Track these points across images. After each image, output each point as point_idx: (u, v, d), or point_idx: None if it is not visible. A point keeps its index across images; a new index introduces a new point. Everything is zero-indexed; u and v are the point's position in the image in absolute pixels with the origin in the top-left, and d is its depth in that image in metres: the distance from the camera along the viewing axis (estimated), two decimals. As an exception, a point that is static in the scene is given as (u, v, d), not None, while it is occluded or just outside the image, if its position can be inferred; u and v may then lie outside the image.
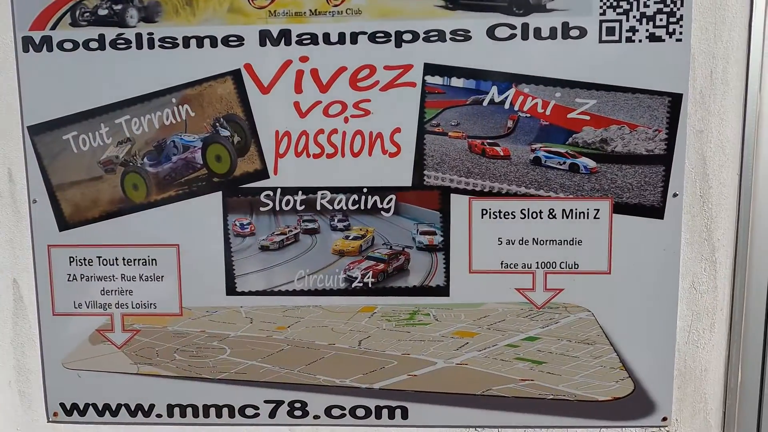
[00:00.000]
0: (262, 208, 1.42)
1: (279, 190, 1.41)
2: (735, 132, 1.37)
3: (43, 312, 1.48)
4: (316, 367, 1.46)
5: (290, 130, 1.39)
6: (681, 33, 1.32)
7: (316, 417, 1.48)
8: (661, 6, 1.31)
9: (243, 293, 1.45)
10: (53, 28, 1.38)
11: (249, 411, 1.49)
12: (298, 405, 1.48)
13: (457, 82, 1.36)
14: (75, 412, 1.51)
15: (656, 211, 1.38)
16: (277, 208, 1.42)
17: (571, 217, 1.39)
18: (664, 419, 1.45)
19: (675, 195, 1.37)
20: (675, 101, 1.34)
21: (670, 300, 1.41)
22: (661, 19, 1.31)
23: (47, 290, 1.47)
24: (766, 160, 1.37)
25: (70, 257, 1.45)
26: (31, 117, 1.42)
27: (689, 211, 1.39)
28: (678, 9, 1.31)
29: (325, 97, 1.37)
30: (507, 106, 1.36)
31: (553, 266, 1.40)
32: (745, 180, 1.38)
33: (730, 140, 1.37)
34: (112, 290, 1.46)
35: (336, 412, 1.48)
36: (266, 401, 1.48)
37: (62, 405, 1.51)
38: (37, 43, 1.39)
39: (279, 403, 1.48)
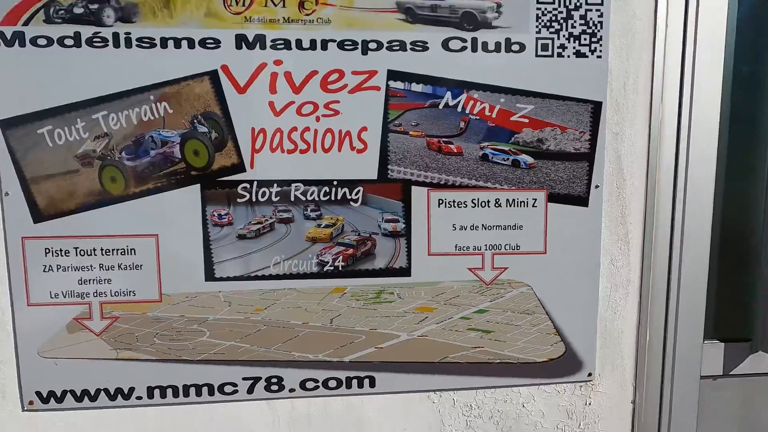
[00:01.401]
0: (239, 200, 1.49)
1: (255, 183, 1.49)
2: (643, 134, 1.57)
3: (17, 303, 1.47)
4: (292, 344, 1.55)
5: (265, 127, 1.46)
6: (600, 51, 1.51)
7: (291, 390, 1.57)
8: (585, 28, 1.50)
9: (221, 279, 1.51)
10: (26, 24, 1.37)
11: (228, 388, 1.55)
12: (274, 380, 1.57)
13: (416, 87, 1.48)
14: (52, 399, 1.51)
15: (582, 200, 1.57)
16: (254, 200, 1.49)
17: (514, 206, 1.56)
18: (590, 375, 1.66)
19: (597, 187, 1.56)
20: (596, 108, 1.53)
21: (593, 275, 1.60)
22: (585, 39, 1.50)
23: (21, 281, 1.46)
24: (667, 158, 1.59)
25: (45, 249, 1.45)
26: (2, 111, 1.39)
27: (608, 200, 1.58)
28: (598, 31, 1.50)
29: (298, 97, 1.45)
30: (459, 109, 1.51)
31: (499, 248, 1.57)
32: (651, 174, 1.60)
33: (639, 141, 1.57)
34: (90, 279, 1.48)
35: (310, 384, 1.58)
36: (244, 378, 1.55)
37: (38, 393, 1.50)
38: (9, 38, 1.37)
39: (256, 380, 1.56)
